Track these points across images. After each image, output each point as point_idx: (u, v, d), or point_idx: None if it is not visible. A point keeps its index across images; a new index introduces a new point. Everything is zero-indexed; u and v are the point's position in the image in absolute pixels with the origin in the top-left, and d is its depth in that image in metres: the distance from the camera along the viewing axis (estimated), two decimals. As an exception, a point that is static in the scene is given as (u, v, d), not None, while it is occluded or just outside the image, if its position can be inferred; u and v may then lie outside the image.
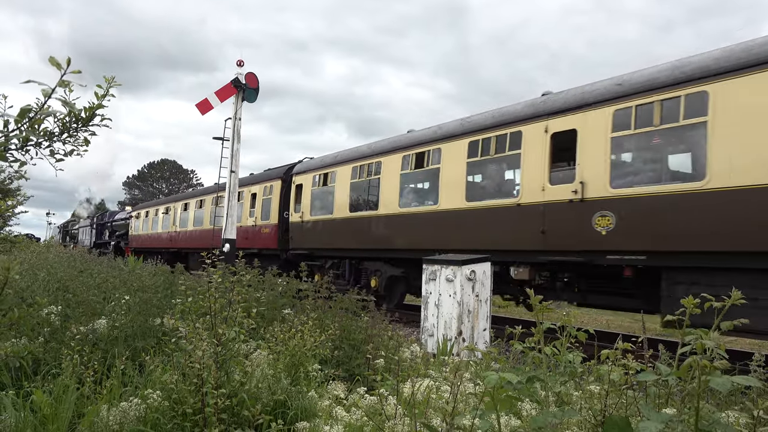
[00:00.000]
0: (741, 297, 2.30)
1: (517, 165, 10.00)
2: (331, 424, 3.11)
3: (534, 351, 2.82)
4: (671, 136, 8.05)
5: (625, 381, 2.47)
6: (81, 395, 3.47)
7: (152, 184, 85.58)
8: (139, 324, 4.94)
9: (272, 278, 7.88)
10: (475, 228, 10.65)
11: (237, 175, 13.10)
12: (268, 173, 19.81)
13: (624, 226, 8.14)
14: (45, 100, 2.30)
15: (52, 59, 2.23)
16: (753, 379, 2.14)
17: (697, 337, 2.21)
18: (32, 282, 6.14)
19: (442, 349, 6.78)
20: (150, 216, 30.59)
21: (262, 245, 18.22)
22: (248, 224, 19.07)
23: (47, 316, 4.78)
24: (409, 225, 12.43)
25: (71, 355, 3.70)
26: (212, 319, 3.43)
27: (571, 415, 2.38)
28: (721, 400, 3.51)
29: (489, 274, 7.75)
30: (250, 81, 12.59)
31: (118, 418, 3.11)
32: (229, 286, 3.90)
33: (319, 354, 4.52)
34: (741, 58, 7.20)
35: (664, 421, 2.05)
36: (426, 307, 7.82)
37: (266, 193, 18.57)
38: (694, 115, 7.52)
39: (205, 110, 12.15)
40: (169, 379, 3.38)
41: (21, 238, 12.20)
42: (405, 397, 3.42)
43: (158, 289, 6.61)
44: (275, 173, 18.82)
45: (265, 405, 3.35)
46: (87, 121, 2.47)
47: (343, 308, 6.20)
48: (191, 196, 25.99)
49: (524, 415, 3.00)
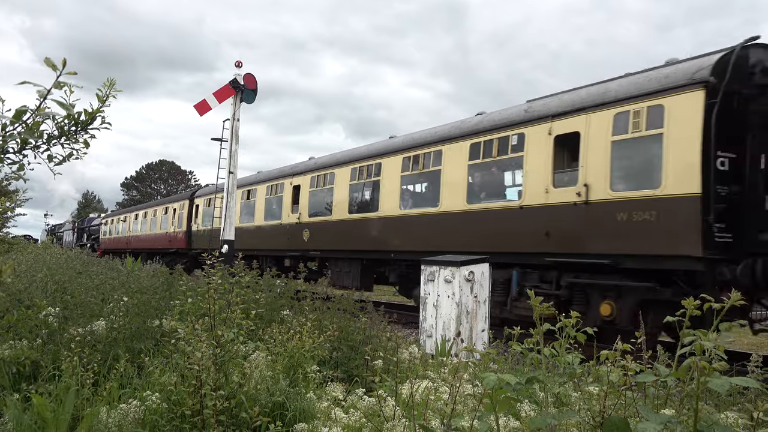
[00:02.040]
0: (740, 298, 2.31)
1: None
2: (329, 425, 3.11)
3: (533, 352, 2.82)
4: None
5: (624, 382, 2.47)
6: (80, 397, 3.47)
7: (150, 185, 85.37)
8: (137, 325, 4.93)
9: (270, 279, 7.88)
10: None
11: (236, 176, 13.08)
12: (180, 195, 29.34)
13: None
14: (41, 101, 2.29)
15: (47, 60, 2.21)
16: (751, 380, 2.14)
17: (696, 338, 2.21)
18: (30, 283, 6.12)
19: (441, 350, 6.78)
20: (114, 223, 37.92)
21: (178, 246, 25.66)
22: (170, 231, 26.84)
23: (45, 318, 4.77)
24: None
25: (71, 357, 3.70)
26: (211, 321, 3.43)
27: (570, 416, 2.38)
28: (719, 401, 3.51)
29: (487, 275, 7.75)
30: (248, 82, 12.58)
31: (117, 420, 3.10)
32: (229, 288, 3.90)
33: (318, 355, 4.51)
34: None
35: (663, 422, 2.06)
36: (424, 308, 7.83)
37: (180, 208, 26.24)
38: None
39: (203, 111, 12.14)
40: (167, 380, 3.37)
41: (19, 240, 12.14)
42: (404, 399, 3.42)
43: (157, 290, 6.61)
44: (185, 195, 27.09)
45: (264, 406, 3.35)
46: (86, 125, 2.46)
47: (341, 309, 6.20)
48: (141, 208, 33.74)
49: (523, 417, 3.00)
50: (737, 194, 7.47)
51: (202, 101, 12.17)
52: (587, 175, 8.58)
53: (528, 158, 9.68)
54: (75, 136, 2.48)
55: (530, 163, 9.62)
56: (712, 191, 7.19)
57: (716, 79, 7.28)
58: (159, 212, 29.20)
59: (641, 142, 8.08)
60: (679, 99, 7.60)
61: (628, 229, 7.95)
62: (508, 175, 10.90)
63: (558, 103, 9.51)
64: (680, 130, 7.51)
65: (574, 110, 9.01)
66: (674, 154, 7.52)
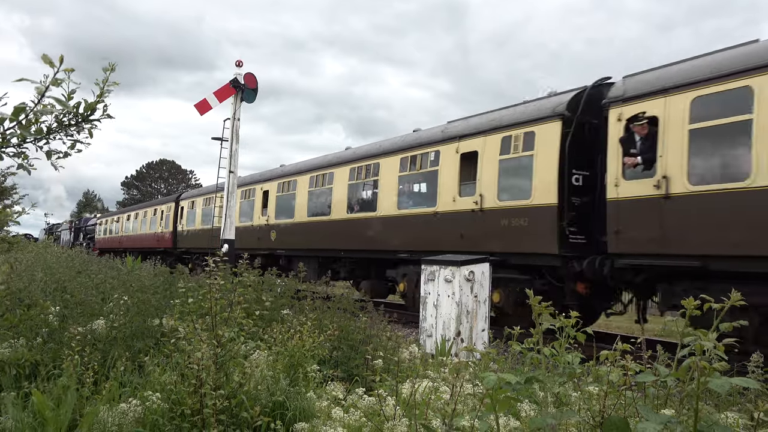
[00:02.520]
0: (739, 299, 2.31)
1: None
2: (329, 424, 3.11)
3: (533, 352, 2.82)
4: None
5: (624, 382, 2.47)
6: (80, 396, 3.47)
7: (151, 185, 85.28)
8: (137, 325, 4.93)
9: (271, 279, 7.88)
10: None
11: (236, 175, 13.08)
12: (167, 198, 31.51)
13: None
14: (39, 98, 2.28)
15: (44, 57, 2.20)
16: (752, 381, 2.14)
17: (695, 338, 2.21)
18: (30, 282, 6.12)
19: (441, 350, 6.78)
20: (108, 223, 40.32)
21: (165, 245, 27.68)
22: (158, 231, 28.98)
23: (45, 317, 4.77)
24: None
25: (71, 356, 3.70)
26: (212, 320, 3.43)
27: (570, 416, 2.38)
28: (719, 401, 3.51)
29: (488, 275, 7.75)
30: (248, 82, 12.58)
31: (117, 419, 3.11)
32: (231, 287, 3.90)
33: (318, 355, 4.51)
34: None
35: (663, 422, 2.06)
36: (425, 308, 7.83)
37: (167, 210, 28.39)
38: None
39: (203, 111, 12.14)
40: (167, 380, 3.37)
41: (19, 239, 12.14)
42: (404, 398, 3.42)
43: (157, 290, 6.60)
44: (171, 198, 29.16)
45: (264, 406, 3.35)
46: (86, 116, 2.44)
47: (341, 309, 6.20)
48: (133, 210, 35.91)
49: (523, 416, 3.00)
50: (588, 205, 9.19)
51: (202, 101, 12.17)
52: (482, 187, 10.49)
53: (441, 172, 11.58)
54: (76, 128, 2.46)
55: (443, 175, 11.53)
56: (566, 202, 9.02)
57: (570, 112, 9.19)
58: (149, 213, 30.90)
59: (519, 161, 9.93)
60: (544, 127, 9.45)
61: (510, 232, 9.82)
62: (429, 185, 12.50)
63: (464, 126, 11.44)
64: (545, 152, 9.35)
65: (475, 133, 10.91)
66: (540, 171, 9.40)
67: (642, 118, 8.06)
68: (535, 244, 9.38)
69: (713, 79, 7.28)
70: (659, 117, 7.84)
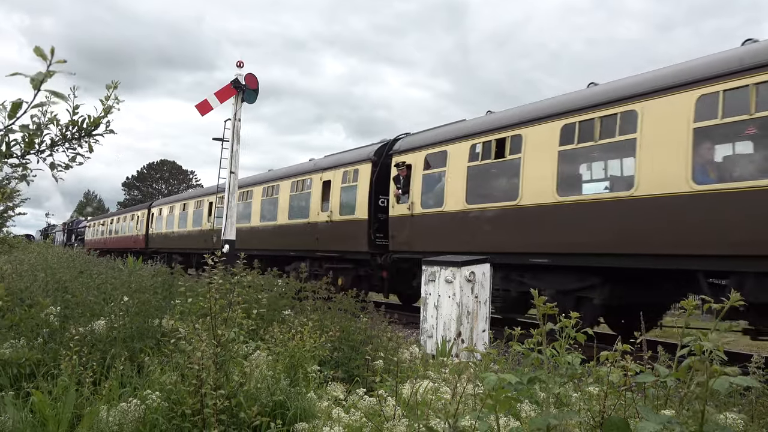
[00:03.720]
0: (740, 299, 2.31)
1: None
2: (330, 425, 3.11)
3: (533, 352, 2.82)
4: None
5: (624, 382, 2.47)
6: (80, 396, 3.47)
7: (151, 185, 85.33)
8: (137, 325, 4.93)
9: (272, 279, 7.88)
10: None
11: (237, 175, 13.09)
12: (143, 204, 36.02)
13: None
14: (36, 93, 2.25)
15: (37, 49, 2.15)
16: (752, 380, 2.14)
17: (695, 339, 2.21)
18: (31, 282, 6.13)
19: (442, 351, 6.77)
20: (96, 226, 44.92)
21: (139, 246, 31.55)
22: (134, 233, 33.10)
23: (46, 317, 4.77)
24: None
25: (70, 356, 3.70)
26: (212, 320, 3.43)
27: (571, 416, 2.38)
28: (719, 401, 3.51)
29: (488, 276, 7.75)
30: (249, 82, 12.59)
31: (117, 419, 3.11)
32: (230, 287, 3.90)
33: (319, 355, 4.51)
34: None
35: (663, 422, 2.06)
36: (425, 308, 7.83)
37: (142, 216, 32.36)
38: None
39: (204, 111, 12.16)
40: (168, 379, 3.37)
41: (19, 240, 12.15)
42: (404, 398, 3.42)
43: (157, 290, 6.61)
44: (145, 205, 33.32)
45: (264, 406, 3.35)
46: (90, 131, 2.43)
47: (342, 309, 6.20)
48: (115, 215, 40.99)
49: (523, 417, 3.00)
50: (386, 219, 13.30)
51: (203, 101, 12.20)
52: (332, 205, 15.04)
53: (312, 192, 16.08)
54: (79, 141, 2.46)
55: (313, 195, 15.98)
56: (373, 217, 13.50)
57: (376, 157, 13.87)
58: (128, 218, 35.41)
59: (352, 188, 14.38)
60: (363, 166, 14.15)
61: (346, 237, 14.26)
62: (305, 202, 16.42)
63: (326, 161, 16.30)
64: (363, 183, 13.96)
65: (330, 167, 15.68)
66: (360, 196, 13.95)
67: (402, 165, 12.72)
68: (357, 244, 13.81)
69: (435, 143, 12.20)
70: (412, 165, 12.58)
